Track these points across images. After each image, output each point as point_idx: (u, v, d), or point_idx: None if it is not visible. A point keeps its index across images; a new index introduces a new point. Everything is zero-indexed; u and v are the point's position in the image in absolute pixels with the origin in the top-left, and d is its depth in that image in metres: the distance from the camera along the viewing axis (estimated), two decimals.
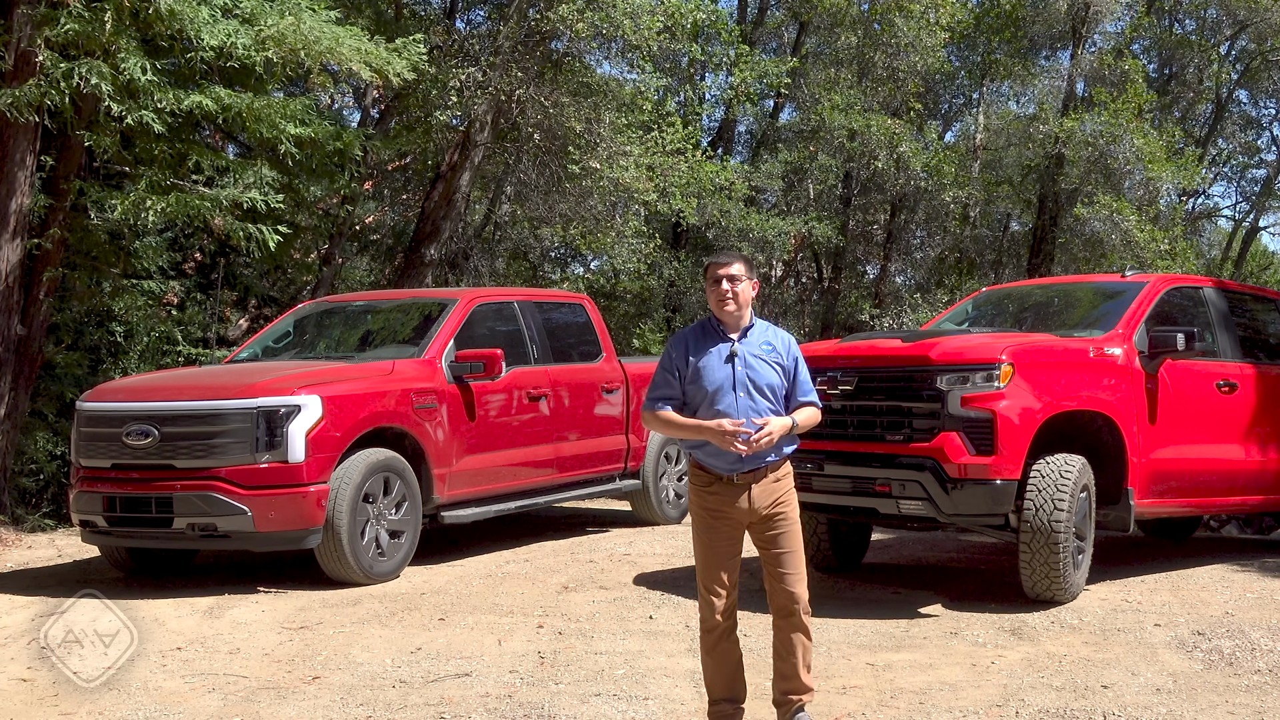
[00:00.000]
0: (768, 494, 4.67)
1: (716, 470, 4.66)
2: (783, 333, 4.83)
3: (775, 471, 4.71)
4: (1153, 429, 7.59)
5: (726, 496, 4.66)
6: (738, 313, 4.70)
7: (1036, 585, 7.01)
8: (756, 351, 4.69)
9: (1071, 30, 21.48)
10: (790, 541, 4.71)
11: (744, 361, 4.65)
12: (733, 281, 4.68)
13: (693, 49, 17.48)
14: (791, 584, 4.70)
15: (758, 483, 4.66)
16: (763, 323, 4.82)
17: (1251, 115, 27.89)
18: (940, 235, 22.88)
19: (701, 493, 4.71)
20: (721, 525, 4.68)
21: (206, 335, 13.91)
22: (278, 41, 9.72)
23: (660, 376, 4.76)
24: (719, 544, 4.69)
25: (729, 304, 4.68)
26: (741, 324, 4.72)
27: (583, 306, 10.24)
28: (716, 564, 4.69)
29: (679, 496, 10.56)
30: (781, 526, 4.70)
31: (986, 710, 5.27)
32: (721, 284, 4.69)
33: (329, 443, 7.56)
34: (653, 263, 19.33)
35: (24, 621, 6.94)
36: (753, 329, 4.75)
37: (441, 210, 14.46)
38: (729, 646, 4.75)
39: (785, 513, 4.72)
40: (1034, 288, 9.89)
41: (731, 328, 4.72)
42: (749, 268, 4.76)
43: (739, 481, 4.65)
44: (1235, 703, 5.39)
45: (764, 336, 4.75)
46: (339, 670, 5.91)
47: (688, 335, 4.78)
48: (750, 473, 4.65)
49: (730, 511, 4.66)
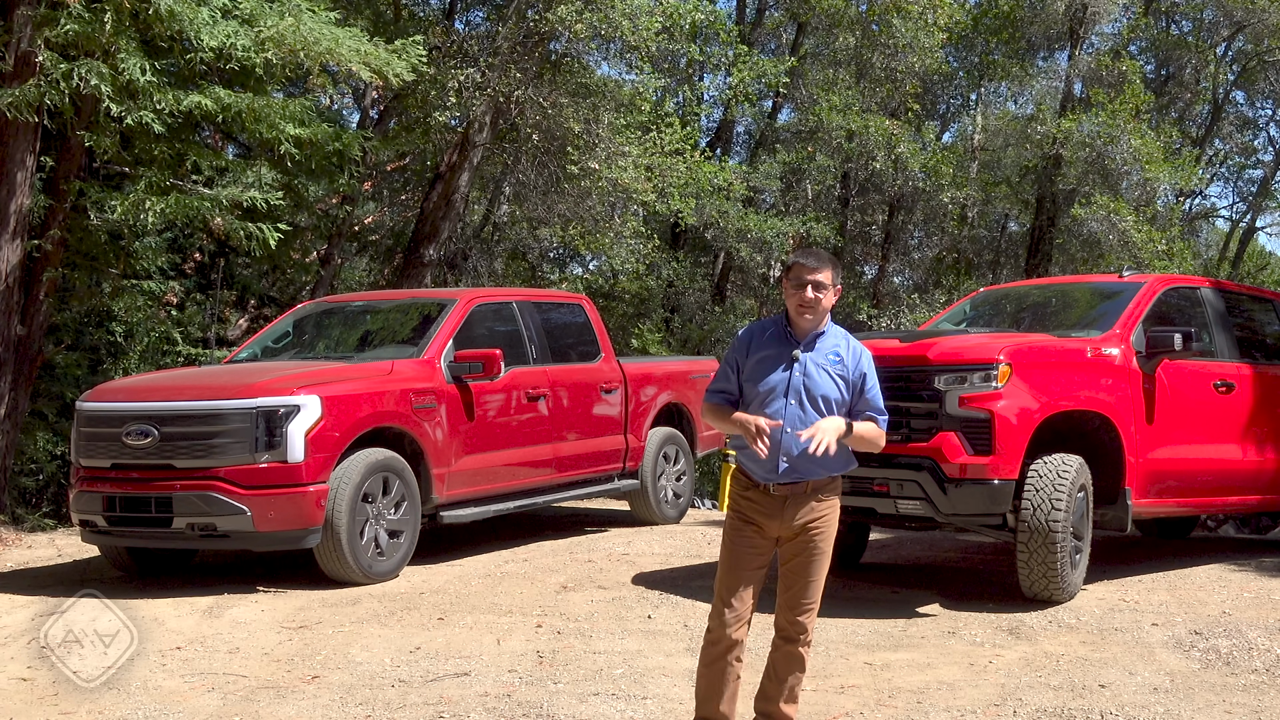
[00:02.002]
0: (804, 512, 4.37)
1: (754, 476, 4.39)
2: (857, 344, 4.46)
3: (820, 491, 4.39)
4: (1150, 429, 7.60)
5: (760, 505, 4.39)
6: (815, 321, 4.38)
7: (1034, 585, 7.03)
8: (820, 360, 4.37)
9: (1069, 31, 21.51)
10: (813, 570, 4.41)
11: (803, 368, 4.34)
12: (818, 290, 4.35)
13: (691, 49, 17.51)
14: (800, 614, 4.43)
15: (795, 497, 4.36)
16: (839, 331, 4.48)
17: (1248, 116, 27.95)
18: (938, 235, 22.91)
19: (738, 497, 4.46)
20: (750, 534, 4.42)
21: (206, 335, 13.93)
22: (277, 42, 9.73)
23: (721, 369, 4.52)
24: (743, 553, 4.42)
25: (808, 314, 4.36)
26: (814, 330, 4.40)
27: (581, 307, 10.25)
28: (736, 573, 4.41)
29: (677, 496, 10.58)
30: (809, 552, 4.40)
31: (984, 709, 5.29)
32: (806, 290, 4.34)
33: (328, 443, 7.57)
34: (651, 263, 19.37)
35: (24, 621, 6.95)
36: (823, 336, 4.41)
37: (440, 210, 14.48)
38: (729, 665, 4.46)
39: (816, 540, 4.39)
40: (1031, 288, 9.91)
41: (801, 333, 4.40)
42: (836, 274, 4.41)
43: (775, 493, 4.37)
44: (1232, 702, 5.40)
45: (833, 346, 4.41)
46: (338, 670, 5.92)
47: (754, 330, 4.50)
48: (788, 485, 4.36)
49: (762, 522, 4.40)
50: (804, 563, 4.40)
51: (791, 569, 4.42)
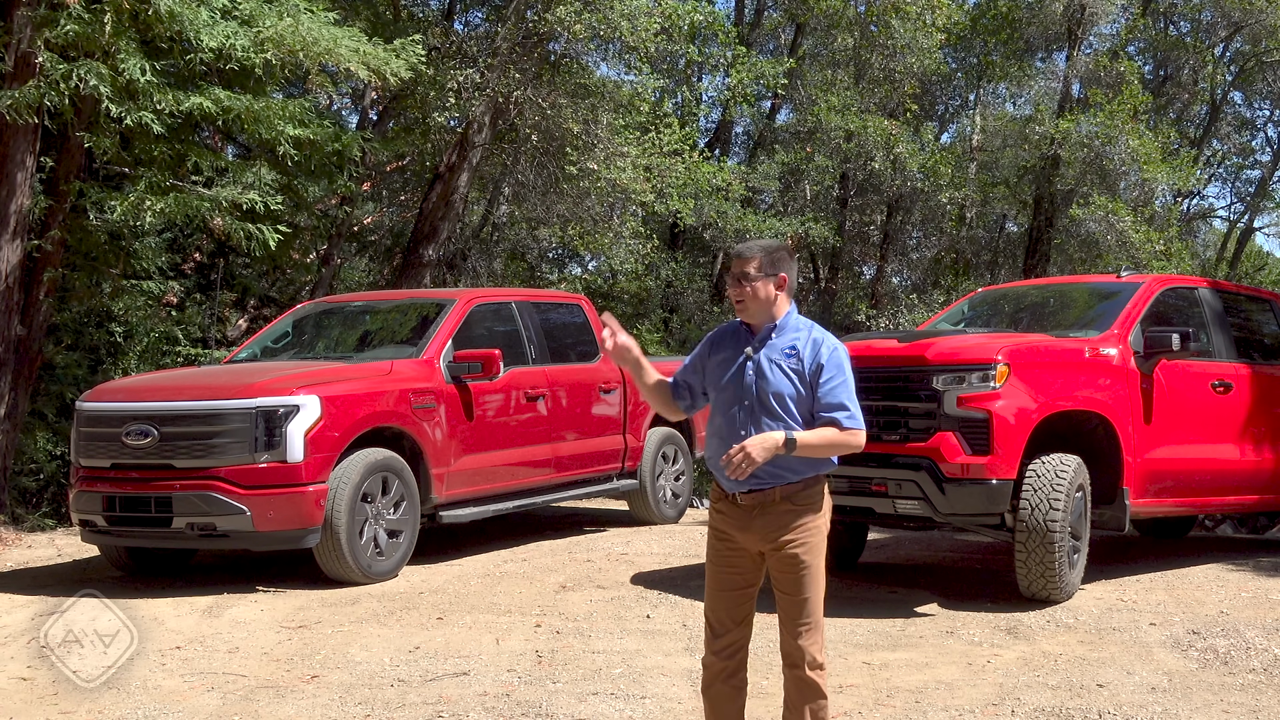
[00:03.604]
0: (777, 523, 4.00)
1: (722, 485, 4.08)
2: (821, 337, 4.09)
3: (793, 499, 4.01)
4: (1148, 429, 7.62)
5: (731, 518, 4.07)
6: (755, 313, 4.09)
7: (1032, 584, 7.04)
8: (774, 356, 4.05)
9: (1067, 32, 21.53)
10: (801, 587, 4.00)
11: (755, 366, 4.05)
12: (744, 280, 4.08)
13: (690, 50, 17.54)
14: (798, 636, 4.01)
15: (765, 506, 4.01)
16: (802, 323, 4.14)
17: (1246, 116, 27.99)
18: (936, 236, 22.92)
19: (711, 510, 4.15)
20: (725, 548, 4.11)
21: (206, 335, 13.95)
22: (276, 43, 9.75)
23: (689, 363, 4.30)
24: (721, 571, 4.12)
25: (740, 306, 4.11)
26: (767, 324, 4.11)
27: (580, 307, 10.27)
28: (718, 594, 4.12)
29: (676, 496, 10.59)
30: (792, 568, 4.00)
31: (982, 709, 5.30)
32: (734, 283, 4.12)
33: (327, 442, 7.58)
34: (650, 263, 19.37)
35: (24, 620, 6.96)
36: (779, 330, 4.10)
37: (439, 211, 14.49)
38: (726, 690, 4.13)
39: (798, 553, 3.99)
40: (1030, 288, 9.92)
41: (754, 329, 4.13)
42: (769, 261, 4.09)
43: (742, 502, 4.02)
44: (1230, 701, 5.42)
45: (790, 340, 4.08)
46: (337, 669, 5.93)
47: (718, 332, 4.26)
48: (754, 493, 4.00)
49: (736, 535, 4.07)
50: (791, 580, 4.01)
51: (780, 587, 4.06)
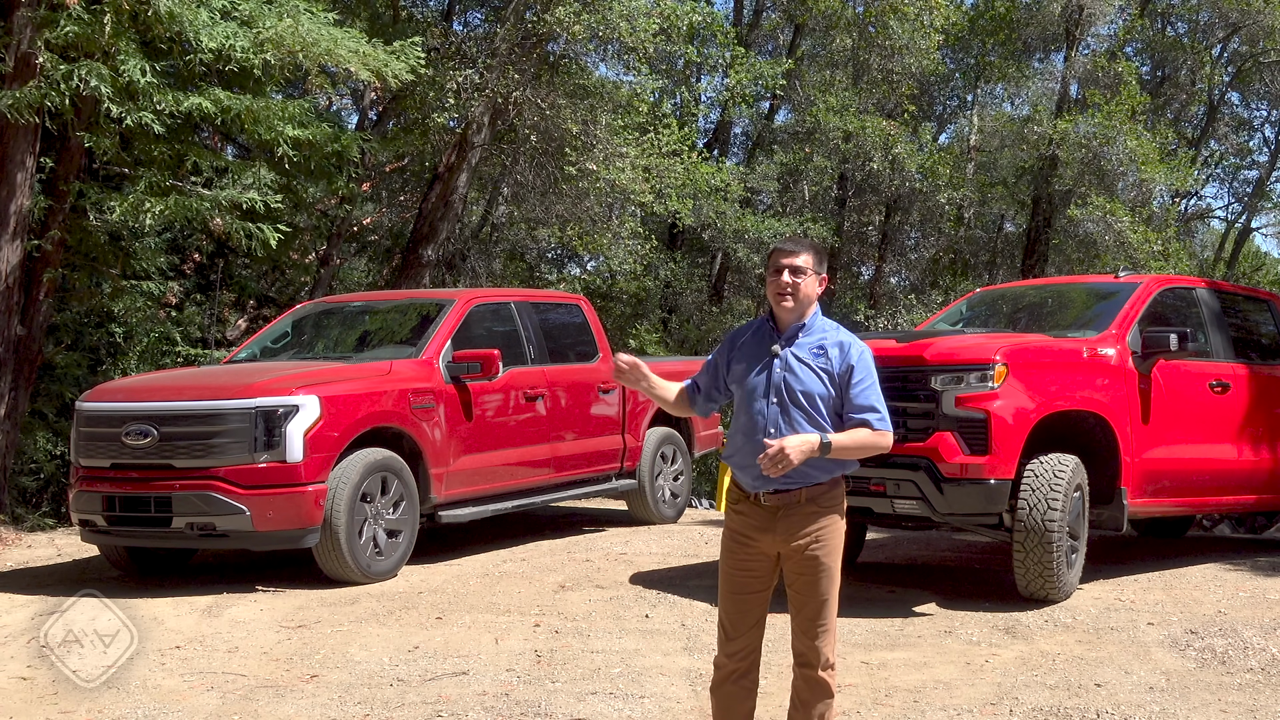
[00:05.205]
0: (799, 525, 3.97)
1: (744, 486, 4.05)
2: (849, 338, 4.08)
3: (817, 500, 3.99)
4: (1146, 429, 7.63)
5: (751, 518, 4.03)
6: (795, 310, 4.04)
7: (1030, 584, 7.05)
8: (802, 355, 4.01)
9: (1065, 33, 21.57)
10: (817, 589, 4.00)
11: (784, 364, 4.00)
12: (796, 274, 4.01)
13: (689, 51, 17.54)
14: (815, 637, 4.02)
15: (789, 507, 3.98)
16: (828, 324, 4.12)
17: (1243, 117, 28.04)
18: (935, 236, 22.95)
19: (730, 510, 4.11)
20: (743, 551, 4.05)
21: (205, 336, 13.96)
22: (276, 44, 9.76)
23: (707, 362, 4.28)
24: (737, 573, 4.07)
25: (787, 299, 4.02)
26: (795, 322, 4.06)
27: (579, 307, 10.28)
28: (733, 597, 4.07)
29: (674, 496, 10.60)
30: (810, 570, 3.99)
31: (980, 708, 5.31)
32: (783, 275, 4.02)
33: (327, 442, 7.59)
34: (649, 264, 19.39)
35: (24, 620, 6.97)
36: (807, 329, 4.06)
37: (439, 211, 14.50)
38: (735, 692, 4.11)
39: (818, 554, 3.98)
40: (1028, 288, 9.93)
41: (783, 326, 4.07)
42: (818, 260, 4.07)
43: (766, 503, 3.99)
44: (1228, 701, 5.43)
45: (818, 339, 4.04)
46: (337, 669, 5.94)
47: (739, 331, 4.21)
48: (778, 494, 3.97)
49: (756, 537, 4.02)
50: (809, 582, 4.00)
51: (797, 589, 4.04)
